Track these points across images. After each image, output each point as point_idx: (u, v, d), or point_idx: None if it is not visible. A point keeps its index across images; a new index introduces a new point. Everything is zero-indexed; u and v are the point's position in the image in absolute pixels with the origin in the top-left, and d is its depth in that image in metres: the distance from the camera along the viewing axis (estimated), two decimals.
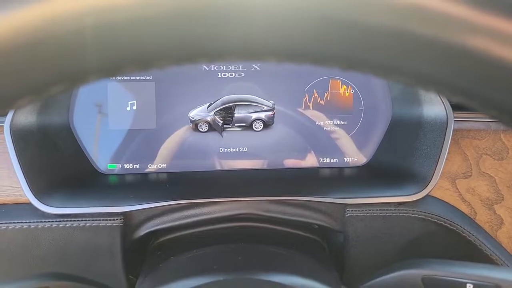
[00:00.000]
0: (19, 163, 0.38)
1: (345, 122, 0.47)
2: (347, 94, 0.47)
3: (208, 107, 0.46)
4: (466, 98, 0.13)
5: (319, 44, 0.12)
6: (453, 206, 0.41)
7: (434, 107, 0.41)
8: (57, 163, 0.43)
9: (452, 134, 0.39)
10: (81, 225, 0.39)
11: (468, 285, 0.28)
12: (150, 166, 0.46)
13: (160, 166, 0.46)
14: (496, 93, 0.13)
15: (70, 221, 0.39)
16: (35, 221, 0.39)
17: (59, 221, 0.39)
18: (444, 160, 0.39)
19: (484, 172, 0.41)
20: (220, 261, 0.35)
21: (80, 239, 0.39)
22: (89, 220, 0.39)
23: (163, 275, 0.35)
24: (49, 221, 0.39)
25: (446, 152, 0.39)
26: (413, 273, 0.31)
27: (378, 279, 0.33)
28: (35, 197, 0.38)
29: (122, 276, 0.40)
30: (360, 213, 0.40)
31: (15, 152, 0.38)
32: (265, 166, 0.47)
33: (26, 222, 0.39)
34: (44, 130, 0.42)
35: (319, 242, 0.44)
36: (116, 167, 0.46)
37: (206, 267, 0.34)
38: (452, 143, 0.40)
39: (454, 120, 0.40)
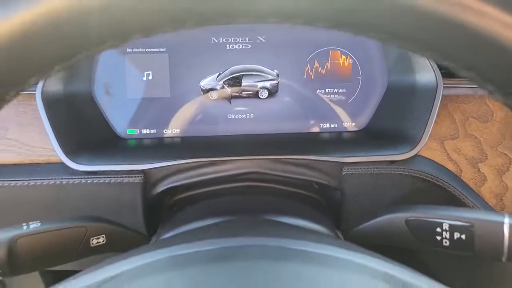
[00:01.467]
0: (51, 126, 0.43)
1: (344, 90, 0.51)
2: (346, 64, 0.50)
3: (217, 77, 0.50)
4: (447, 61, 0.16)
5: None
6: (440, 164, 0.45)
7: (426, 75, 0.45)
8: (82, 128, 0.47)
9: (441, 99, 0.43)
10: (106, 181, 0.44)
11: (444, 224, 0.33)
12: (165, 131, 0.51)
13: (174, 131, 0.51)
14: (469, 55, 0.16)
15: (97, 177, 0.44)
16: (66, 177, 0.44)
17: (87, 177, 0.44)
18: (433, 123, 0.43)
19: (470, 134, 0.45)
20: (231, 206, 0.40)
21: (106, 194, 0.44)
22: (113, 177, 0.44)
23: (180, 219, 0.40)
24: (78, 178, 0.44)
25: (435, 116, 0.43)
26: (398, 216, 0.35)
27: (368, 223, 0.37)
28: (66, 156, 0.43)
29: (143, 227, 0.45)
30: (356, 171, 0.44)
31: (47, 117, 0.43)
32: (269, 131, 0.51)
33: (58, 179, 0.44)
34: (70, 98, 0.46)
35: (318, 199, 0.48)
36: (135, 132, 0.51)
37: (218, 211, 0.39)
38: (441, 108, 0.44)
39: (444, 87, 0.43)
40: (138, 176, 0.44)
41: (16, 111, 0.45)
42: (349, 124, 0.51)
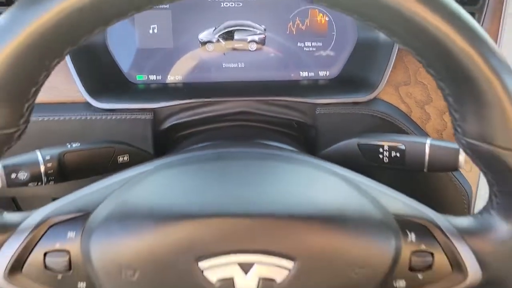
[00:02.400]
0: (76, 71, 0.52)
1: (321, 44, 0.60)
2: (323, 21, 0.59)
3: (213, 31, 0.59)
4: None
5: None
6: (395, 106, 0.56)
7: None
8: (100, 74, 0.56)
9: (397, 52, 0.53)
10: (122, 118, 0.54)
11: (385, 146, 0.44)
12: (169, 77, 0.60)
13: (177, 77, 0.60)
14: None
15: (114, 114, 0.53)
16: (89, 114, 0.53)
17: (106, 114, 0.53)
18: (390, 71, 0.53)
19: (419, 81, 0.55)
20: (225, 136, 0.51)
21: (122, 129, 0.54)
22: (128, 114, 0.54)
23: (183, 146, 0.51)
24: (100, 114, 0.53)
25: (391, 65, 0.53)
26: (352, 141, 0.46)
27: (331, 147, 0.48)
28: (90, 96, 0.52)
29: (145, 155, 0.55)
30: (327, 111, 0.55)
31: (73, 64, 0.52)
32: (257, 78, 0.61)
33: (83, 115, 0.53)
34: (89, 49, 0.55)
35: (297, 135, 0.59)
36: (143, 78, 0.60)
37: (214, 139, 0.49)
38: (397, 59, 0.54)
39: None
40: (148, 114, 0.54)
41: None
42: (323, 73, 0.61)
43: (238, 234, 0.29)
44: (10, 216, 0.32)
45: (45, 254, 0.30)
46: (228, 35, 0.59)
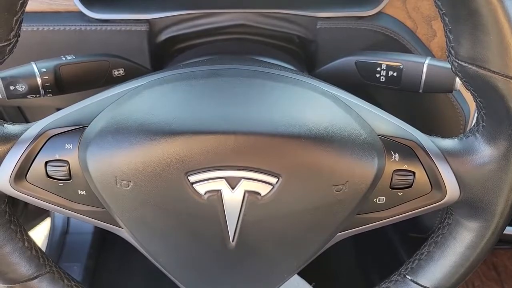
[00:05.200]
0: None
1: None
2: None
3: None
4: None
5: None
6: (400, 21, 0.53)
7: None
8: None
9: None
10: (117, 29, 0.52)
11: (383, 65, 0.43)
12: None
13: None
14: None
15: (109, 25, 0.52)
16: (84, 24, 0.52)
17: (101, 25, 0.52)
18: None
19: None
20: (222, 50, 0.50)
21: (117, 40, 0.53)
22: (123, 25, 0.52)
23: (179, 60, 0.50)
24: (94, 25, 0.52)
25: None
26: (350, 58, 0.45)
27: (328, 65, 0.47)
28: (83, 5, 0.50)
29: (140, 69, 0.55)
30: (328, 26, 0.53)
31: None
32: None
33: (77, 25, 0.52)
34: None
35: (297, 50, 0.57)
36: None
37: (211, 53, 0.48)
38: None
39: None
40: (143, 25, 0.52)
41: None
42: None
43: (225, 151, 0.30)
44: (12, 128, 0.33)
45: (46, 163, 0.32)
46: None
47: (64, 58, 0.42)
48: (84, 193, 0.33)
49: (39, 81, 0.40)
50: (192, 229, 0.33)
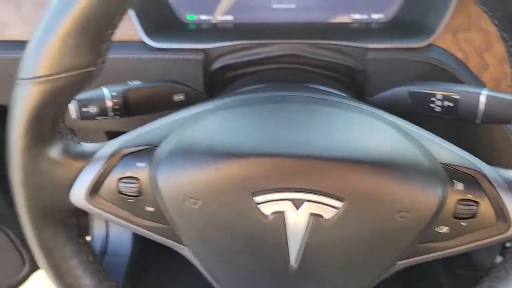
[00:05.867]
0: (134, 11, 0.53)
1: None
2: None
3: None
4: None
5: None
6: (451, 53, 0.54)
7: None
8: (153, 12, 0.57)
9: None
10: (175, 57, 0.55)
11: (438, 95, 0.43)
12: (219, 17, 0.60)
13: (227, 17, 0.60)
14: None
15: (168, 54, 0.55)
16: (145, 53, 0.55)
17: (161, 53, 0.55)
18: (449, 15, 0.51)
19: (480, 27, 0.52)
20: (274, 79, 0.52)
21: (175, 68, 0.56)
22: (180, 53, 0.55)
23: (233, 87, 0.52)
24: (155, 53, 0.55)
25: (452, 9, 0.50)
26: (403, 88, 0.46)
27: (380, 94, 0.48)
28: (146, 35, 0.54)
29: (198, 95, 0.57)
30: (379, 56, 0.54)
31: None
32: (307, 20, 0.60)
33: (140, 54, 0.55)
34: None
35: (344, 80, 0.59)
36: (194, 18, 0.61)
37: (264, 81, 0.50)
38: (459, 2, 0.51)
39: None
40: (200, 54, 0.55)
41: None
42: (377, 16, 0.59)
43: (291, 173, 0.31)
44: (87, 146, 0.35)
45: (118, 180, 0.34)
46: None
47: (131, 84, 0.45)
48: (152, 210, 0.35)
49: (109, 104, 0.43)
50: (255, 249, 0.34)
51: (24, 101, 0.31)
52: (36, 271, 0.95)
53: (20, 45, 0.59)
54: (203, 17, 0.61)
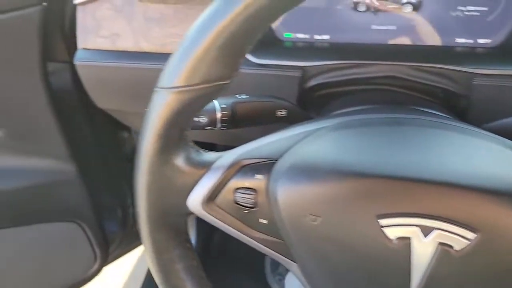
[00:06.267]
0: None
1: (486, 9, 0.55)
2: None
3: None
4: None
5: None
6: None
7: None
8: None
9: None
10: (273, 73, 0.57)
11: None
12: (317, 36, 0.61)
13: (324, 37, 0.61)
14: None
15: (268, 70, 0.56)
16: (246, 68, 0.57)
17: (261, 69, 0.57)
18: None
19: None
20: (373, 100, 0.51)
21: (273, 84, 0.57)
22: (279, 70, 0.56)
23: (329, 109, 0.52)
24: (255, 69, 0.57)
25: None
26: None
27: (492, 123, 0.46)
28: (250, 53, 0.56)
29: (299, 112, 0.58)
30: (485, 82, 0.52)
31: None
32: (409, 42, 0.59)
33: (245, 68, 0.57)
34: None
35: (444, 105, 0.57)
36: (291, 36, 0.62)
37: (363, 101, 0.50)
38: None
39: None
40: (297, 71, 0.56)
41: None
42: (484, 41, 0.57)
43: (423, 198, 0.30)
44: (207, 155, 0.37)
45: (235, 190, 0.35)
46: None
47: (239, 97, 0.46)
48: (265, 222, 0.35)
49: (218, 115, 0.44)
50: (373, 272, 0.33)
51: (161, 108, 0.33)
52: (103, 269, 0.96)
53: (129, 55, 0.64)
54: (300, 35, 0.62)
